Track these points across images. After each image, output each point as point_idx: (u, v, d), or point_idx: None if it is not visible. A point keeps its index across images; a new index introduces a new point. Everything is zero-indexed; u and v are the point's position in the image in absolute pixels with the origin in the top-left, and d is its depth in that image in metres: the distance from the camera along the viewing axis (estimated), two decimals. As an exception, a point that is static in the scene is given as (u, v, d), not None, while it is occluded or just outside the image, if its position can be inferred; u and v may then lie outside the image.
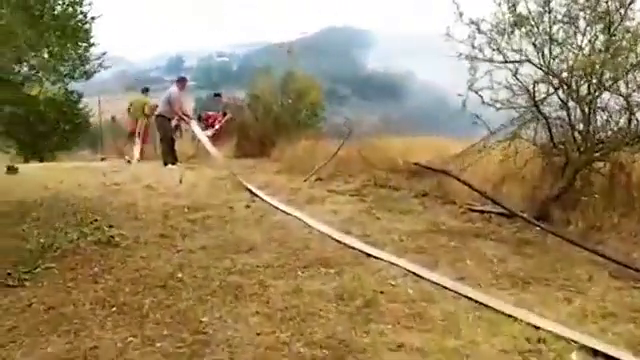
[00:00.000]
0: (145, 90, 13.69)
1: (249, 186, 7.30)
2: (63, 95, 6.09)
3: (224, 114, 13.36)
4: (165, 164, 10.29)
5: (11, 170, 8.63)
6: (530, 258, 4.27)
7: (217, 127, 12.71)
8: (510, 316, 3.14)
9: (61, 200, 6.61)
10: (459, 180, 5.59)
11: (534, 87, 4.86)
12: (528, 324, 3.02)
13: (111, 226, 5.25)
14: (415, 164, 6.88)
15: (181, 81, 10.78)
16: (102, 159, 15.18)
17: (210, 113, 13.55)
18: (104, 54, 6.01)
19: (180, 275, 3.91)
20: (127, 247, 4.63)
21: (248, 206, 6.25)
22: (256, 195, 6.91)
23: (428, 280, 3.79)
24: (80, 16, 5.53)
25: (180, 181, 8.01)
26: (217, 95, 14.26)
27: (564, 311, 3.25)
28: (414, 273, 3.92)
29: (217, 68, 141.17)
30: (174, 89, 10.50)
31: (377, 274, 3.95)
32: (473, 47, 5.10)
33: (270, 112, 10.72)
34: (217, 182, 8.07)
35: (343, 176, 7.75)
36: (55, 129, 5.85)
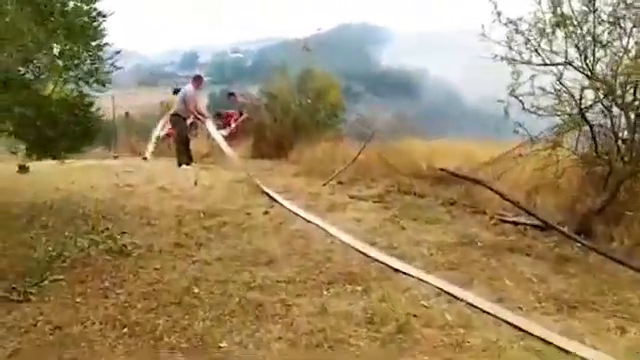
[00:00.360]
0: (176, 91, 13.52)
1: (267, 190, 7.06)
2: (76, 98, 5.85)
3: (240, 113, 13.15)
4: (179, 164, 10.08)
5: (22, 169, 8.46)
6: (573, 278, 3.97)
7: (233, 126, 12.51)
8: (560, 348, 2.86)
9: (72, 203, 6.42)
10: (490, 189, 5.29)
11: (581, 93, 4.54)
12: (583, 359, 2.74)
13: (124, 232, 5.06)
14: (441, 170, 6.59)
15: (197, 79, 10.58)
16: (115, 157, 15.04)
17: (230, 112, 13.34)
18: (118, 52, 5.74)
19: (196, 290, 3.68)
20: (140, 256, 4.41)
21: (266, 212, 6.01)
22: (274, 200, 6.67)
23: (463, 301, 3.52)
24: (93, 13, 5.29)
25: (195, 183, 7.79)
26: (231, 95, 14.01)
27: (620, 343, 2.96)
28: (448, 292, 3.66)
29: (231, 64, 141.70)
30: (189, 87, 10.29)
31: (407, 292, 3.69)
32: (510, 48, 4.79)
33: (288, 112, 10.47)
34: (233, 185, 7.84)
35: (365, 180, 7.48)
36: (65, 133, 5.64)
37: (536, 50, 4.80)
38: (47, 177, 8.63)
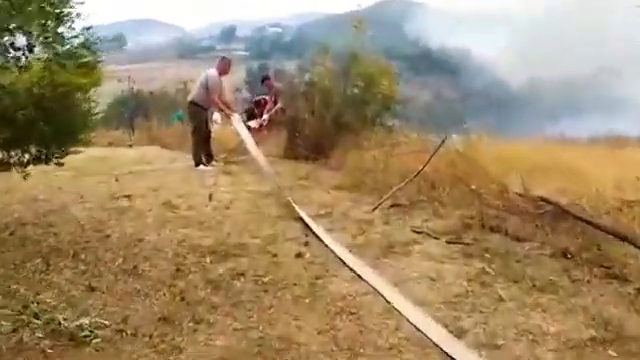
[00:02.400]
0: (265, 79, 12.28)
1: (301, 214, 5.55)
2: (47, 86, 4.41)
3: (275, 102, 11.69)
4: (197, 164, 8.68)
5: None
6: None
7: (264, 117, 11.06)
8: None
9: (39, 228, 5.07)
10: (635, 245, 3.63)
11: None
12: None
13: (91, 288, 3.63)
14: (543, 200, 4.97)
15: (222, 63, 9.05)
16: (130, 145, 13.86)
17: (264, 97, 11.92)
18: (89, 29, 4.30)
19: None
20: (100, 349, 2.96)
21: (299, 255, 4.49)
22: (310, 229, 5.17)
23: None
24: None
25: (210, 197, 6.35)
26: (265, 79, 12.50)
27: None
28: None
29: (269, 39, 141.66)
30: (212, 72, 8.81)
31: None
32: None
33: (329, 104, 8.85)
34: (259, 200, 6.37)
35: (430, 204, 5.86)
36: (28, 134, 4.30)
37: None
38: (32, 179, 7.30)
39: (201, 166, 8.65)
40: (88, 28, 4.32)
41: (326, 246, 4.69)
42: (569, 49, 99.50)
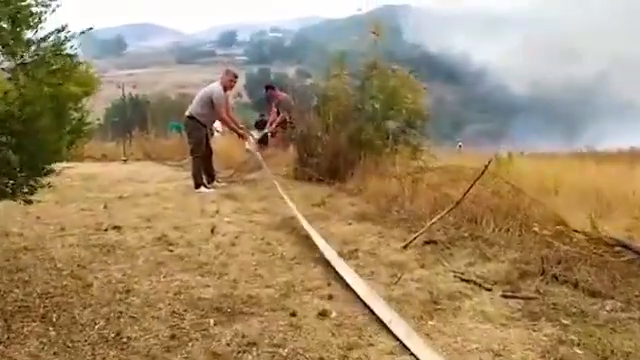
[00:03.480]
0: (268, 88, 11.87)
1: (324, 252, 4.78)
2: (13, 103, 3.65)
3: (278, 113, 11.07)
4: (197, 186, 7.91)
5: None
6: None
7: (266, 131, 10.47)
8: None
9: (7, 272, 4.27)
10: None
11: None
12: None
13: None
14: (619, 244, 4.19)
15: (227, 77, 8.27)
16: (124, 160, 13.16)
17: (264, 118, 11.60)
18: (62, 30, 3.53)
19: None
20: None
21: (324, 314, 3.70)
22: (334, 269, 4.41)
23: None
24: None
25: (212, 231, 5.58)
26: (270, 88, 11.84)
27: None
28: None
29: (269, 43, 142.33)
30: (217, 87, 8.03)
31: None
32: None
33: (346, 119, 8.06)
34: (270, 234, 5.59)
35: (475, 242, 5.06)
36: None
37: None
38: (7, 206, 6.53)
39: (202, 188, 7.89)
40: (61, 29, 3.56)
41: (357, 300, 3.91)
42: (571, 52, 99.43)
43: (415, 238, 5.15)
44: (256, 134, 10.56)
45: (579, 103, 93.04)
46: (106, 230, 5.64)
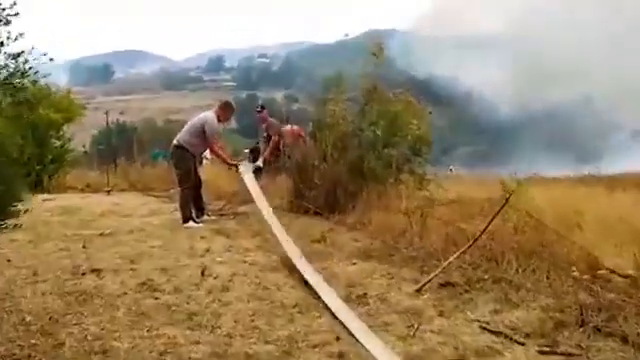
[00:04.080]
0: (259, 109, 11.57)
1: (330, 304, 4.27)
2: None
3: (269, 136, 10.67)
4: (185, 221, 7.38)
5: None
6: None
7: (258, 163, 9.98)
8: None
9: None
10: None
11: None
12: None
13: None
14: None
15: (225, 109, 7.86)
16: (107, 192, 12.56)
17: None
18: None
19: None
20: None
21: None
22: (343, 326, 3.90)
23: None
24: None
25: (202, 273, 5.06)
26: (261, 109, 11.47)
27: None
28: None
29: (257, 69, 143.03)
30: (211, 117, 7.55)
31: None
32: None
33: (345, 147, 7.59)
34: (266, 276, 5.06)
35: (498, 284, 4.56)
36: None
37: None
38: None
39: (190, 222, 7.36)
40: (16, 55, 3.11)
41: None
42: (557, 76, 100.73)
43: (430, 280, 4.65)
44: (247, 162, 10.09)
45: (566, 124, 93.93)
46: (83, 274, 5.09)
